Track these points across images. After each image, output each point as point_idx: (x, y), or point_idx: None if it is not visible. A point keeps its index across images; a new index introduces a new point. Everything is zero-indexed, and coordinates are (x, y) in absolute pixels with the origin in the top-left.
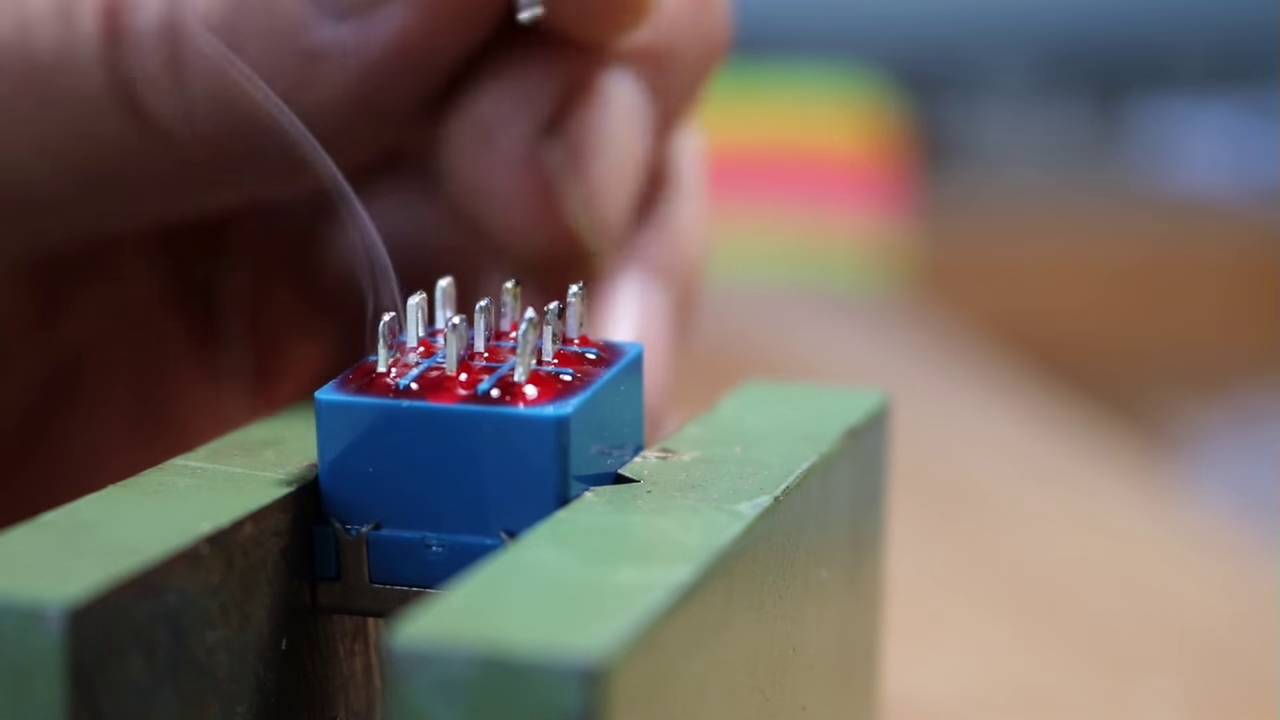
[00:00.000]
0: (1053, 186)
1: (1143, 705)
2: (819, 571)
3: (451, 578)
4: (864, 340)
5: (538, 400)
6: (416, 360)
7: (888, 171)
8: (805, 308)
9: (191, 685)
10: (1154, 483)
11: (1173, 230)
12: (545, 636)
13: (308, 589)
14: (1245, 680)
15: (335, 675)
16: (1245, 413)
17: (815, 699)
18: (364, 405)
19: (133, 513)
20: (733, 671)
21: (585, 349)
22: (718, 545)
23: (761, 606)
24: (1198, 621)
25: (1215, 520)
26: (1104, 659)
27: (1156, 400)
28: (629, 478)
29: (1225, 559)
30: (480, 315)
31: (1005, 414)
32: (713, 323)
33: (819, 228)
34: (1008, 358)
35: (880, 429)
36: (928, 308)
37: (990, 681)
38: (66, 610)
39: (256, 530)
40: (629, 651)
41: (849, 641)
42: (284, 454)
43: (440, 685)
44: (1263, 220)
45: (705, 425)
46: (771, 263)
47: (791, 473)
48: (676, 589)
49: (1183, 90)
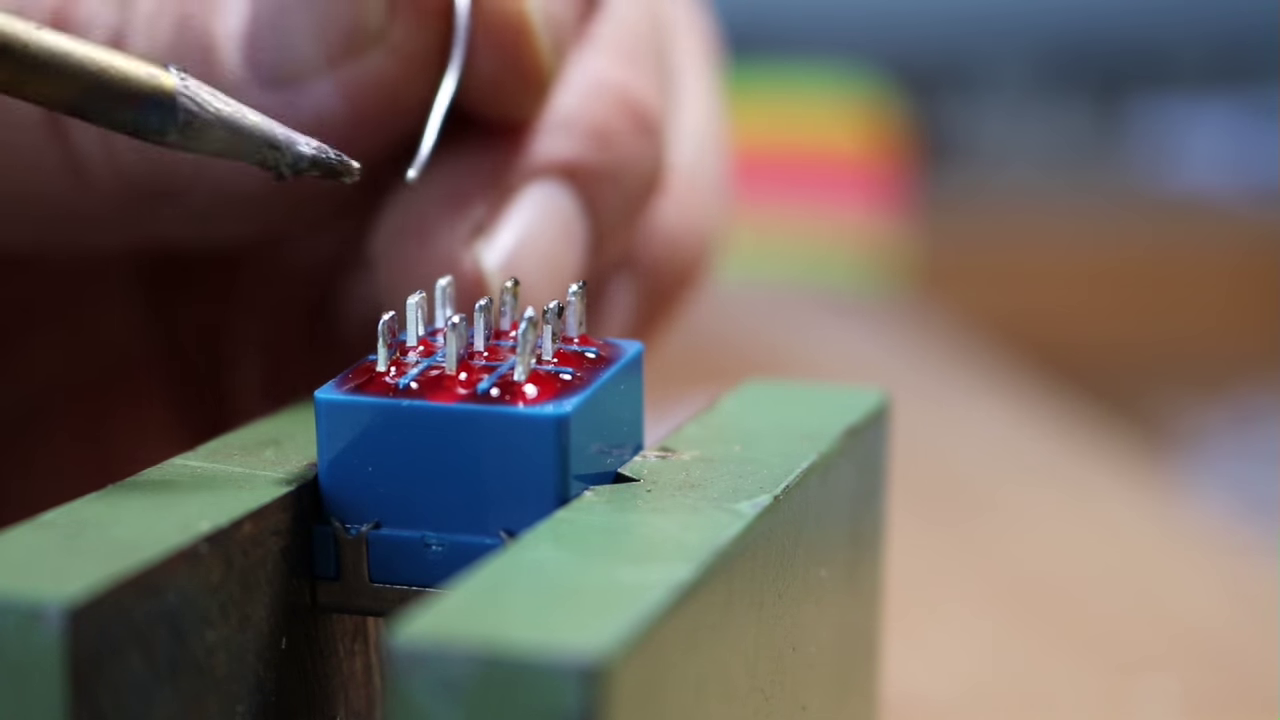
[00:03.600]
0: (1053, 186)
1: (1142, 704)
2: (819, 570)
3: (451, 577)
4: (864, 339)
5: (537, 399)
6: (416, 359)
7: (887, 171)
8: (805, 307)
9: (191, 685)
10: (1154, 482)
11: (1172, 229)
12: (545, 636)
13: (308, 588)
14: (1245, 680)
15: (335, 675)
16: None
17: (815, 698)
18: (364, 404)
19: (133, 512)
20: (732, 671)
21: (585, 348)
22: (717, 544)
23: (761, 606)
24: (1198, 621)
25: (1215, 520)
26: (1103, 658)
27: (1156, 399)
28: (629, 477)
29: (1225, 558)
30: (480, 314)
31: (1005, 413)
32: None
33: (819, 227)
34: (1007, 356)
35: (880, 428)
36: (928, 307)
37: (990, 680)
38: (66, 610)
39: (256, 530)
40: (629, 651)
41: (849, 640)
42: (284, 453)
43: (440, 685)
44: (1263, 220)
45: (705, 424)
46: (771, 262)
47: (791, 472)
48: (676, 588)
49: (1183, 90)
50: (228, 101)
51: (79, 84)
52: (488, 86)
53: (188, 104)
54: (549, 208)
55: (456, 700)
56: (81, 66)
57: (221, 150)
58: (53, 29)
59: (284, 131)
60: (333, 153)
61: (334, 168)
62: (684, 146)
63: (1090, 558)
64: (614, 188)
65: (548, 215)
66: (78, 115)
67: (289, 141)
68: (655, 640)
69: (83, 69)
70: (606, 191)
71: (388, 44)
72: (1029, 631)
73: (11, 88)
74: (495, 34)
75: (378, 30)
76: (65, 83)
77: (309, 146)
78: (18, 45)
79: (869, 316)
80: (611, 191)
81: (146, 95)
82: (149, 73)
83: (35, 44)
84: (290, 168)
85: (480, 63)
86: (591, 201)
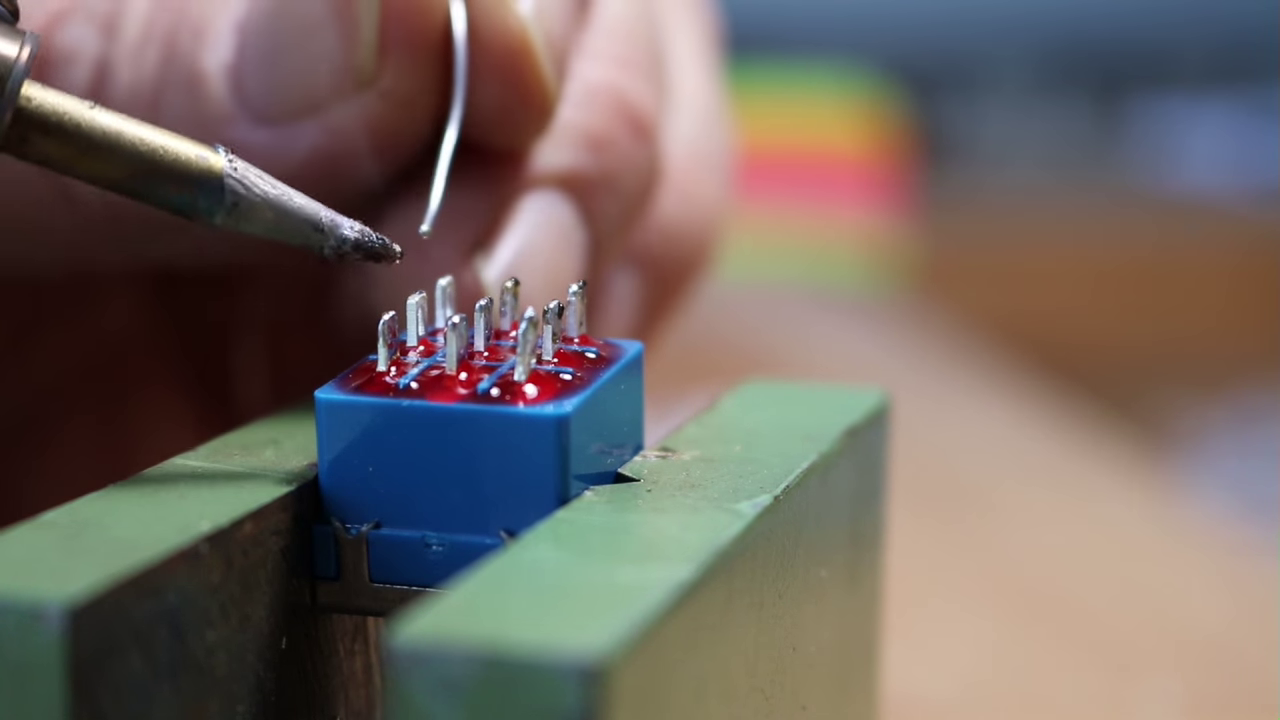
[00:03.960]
0: (1053, 185)
1: (1142, 704)
2: (819, 570)
3: (451, 577)
4: (864, 339)
5: (538, 399)
6: (416, 359)
7: (888, 170)
8: (805, 306)
9: (191, 685)
10: (1154, 482)
11: (1173, 229)
12: (545, 636)
13: (308, 588)
14: (1245, 680)
15: (335, 675)
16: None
17: (815, 698)
18: (364, 404)
19: (133, 512)
20: (732, 671)
21: (585, 348)
22: (718, 544)
23: (761, 606)
24: (1198, 621)
25: (1215, 519)
26: (1103, 657)
27: (1156, 399)
28: (629, 477)
29: (1225, 558)
30: (480, 314)
31: (1005, 412)
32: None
33: (819, 227)
34: (1008, 356)
35: (880, 428)
36: (928, 306)
37: (990, 680)
38: (66, 610)
39: (256, 529)
40: (629, 651)
41: (848, 640)
42: (284, 453)
43: (440, 685)
44: (1263, 220)
45: (705, 425)
46: (772, 262)
47: (791, 472)
48: (676, 588)
49: (1183, 89)
50: (274, 184)
51: (130, 163)
52: (493, 118)
53: (235, 185)
54: (547, 218)
55: (456, 700)
56: (133, 146)
57: (267, 232)
58: (104, 107)
59: (329, 214)
60: (375, 236)
61: (377, 251)
62: (681, 131)
63: (1090, 557)
64: (611, 194)
65: (546, 226)
66: (127, 194)
67: (333, 225)
68: (655, 640)
69: (134, 149)
70: (604, 198)
71: (379, 88)
72: (1029, 631)
73: (64, 166)
74: (497, 65)
75: (369, 74)
76: (117, 162)
77: (353, 230)
78: (70, 124)
79: (869, 316)
80: (609, 198)
81: (195, 176)
82: (198, 153)
83: (88, 123)
84: (334, 250)
85: (484, 96)
86: (589, 209)
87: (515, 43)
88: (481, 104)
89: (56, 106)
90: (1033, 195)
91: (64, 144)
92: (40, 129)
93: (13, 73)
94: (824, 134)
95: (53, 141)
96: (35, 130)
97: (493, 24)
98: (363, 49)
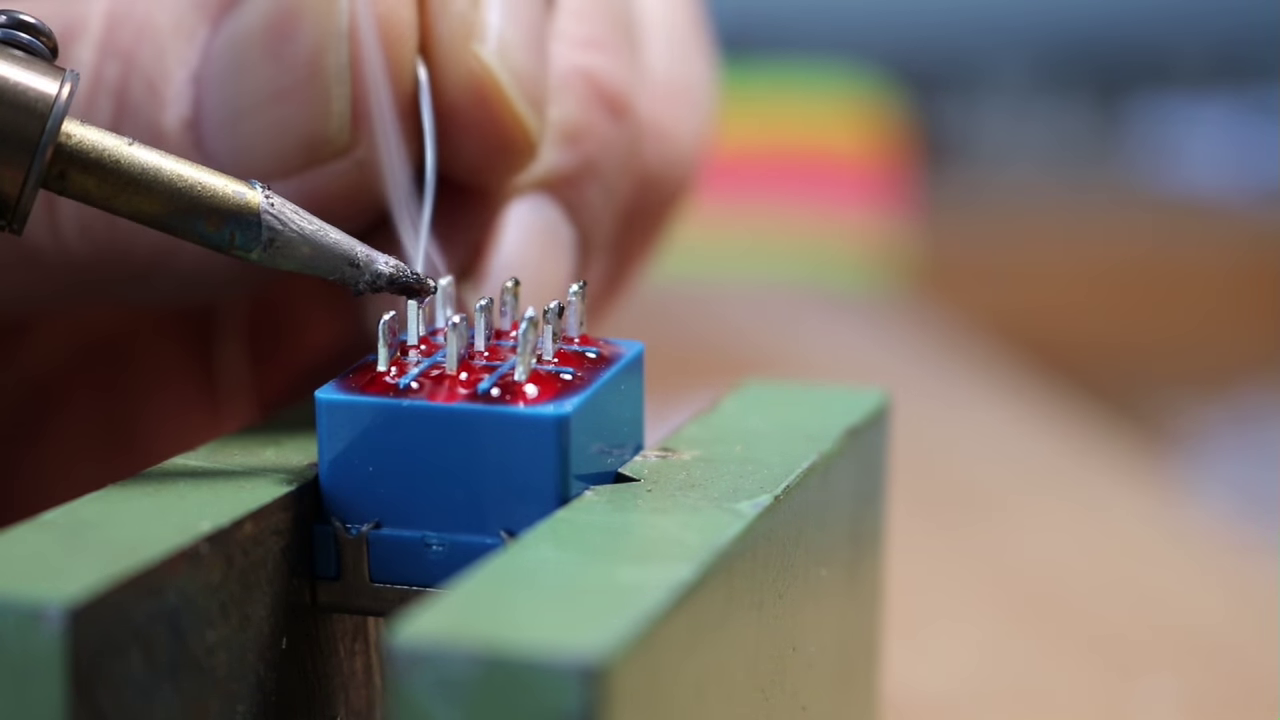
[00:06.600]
0: (1053, 185)
1: (1142, 703)
2: (819, 570)
3: (451, 577)
4: (864, 339)
5: (538, 399)
6: (417, 359)
7: (888, 170)
8: (805, 306)
9: (191, 684)
10: (1154, 482)
11: (1173, 229)
12: (545, 636)
13: (308, 588)
14: (1245, 680)
15: (335, 675)
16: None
17: (815, 697)
18: (364, 404)
19: (133, 512)
20: (732, 670)
21: (585, 348)
22: (718, 544)
23: (761, 605)
24: (1198, 620)
25: (1215, 520)
26: (1103, 657)
27: (1156, 399)
28: (629, 477)
29: (1225, 559)
30: (480, 314)
31: (1005, 412)
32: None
33: (819, 227)
34: (1008, 356)
35: (880, 428)
36: (928, 306)
37: (990, 679)
38: (66, 610)
39: (256, 529)
40: (629, 651)
41: (849, 640)
42: (284, 453)
43: (440, 684)
44: (1263, 220)
45: (705, 425)
46: (772, 262)
47: (792, 472)
48: (676, 588)
49: (1183, 89)
50: (310, 219)
51: (167, 199)
52: (476, 164)
53: (272, 221)
54: (531, 224)
55: (456, 700)
56: (170, 182)
57: (301, 267)
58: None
59: (364, 250)
60: (410, 271)
61: (411, 286)
62: (653, 64)
63: (1090, 557)
64: (594, 182)
65: (531, 233)
66: (164, 229)
67: (368, 260)
68: (655, 640)
69: (171, 184)
70: (587, 188)
71: (352, 158)
72: (1029, 631)
73: (102, 202)
74: (469, 114)
75: (341, 145)
76: (154, 198)
77: (388, 265)
78: (109, 161)
79: (869, 316)
80: (592, 187)
81: (232, 211)
82: (235, 189)
83: (127, 159)
84: (369, 285)
85: (463, 144)
86: (573, 203)
87: (482, 88)
88: (462, 152)
89: (96, 143)
90: (1032, 195)
91: (102, 180)
92: (79, 165)
93: (53, 110)
94: (824, 134)
95: (91, 178)
96: (74, 167)
97: (457, 72)
98: (335, 120)
